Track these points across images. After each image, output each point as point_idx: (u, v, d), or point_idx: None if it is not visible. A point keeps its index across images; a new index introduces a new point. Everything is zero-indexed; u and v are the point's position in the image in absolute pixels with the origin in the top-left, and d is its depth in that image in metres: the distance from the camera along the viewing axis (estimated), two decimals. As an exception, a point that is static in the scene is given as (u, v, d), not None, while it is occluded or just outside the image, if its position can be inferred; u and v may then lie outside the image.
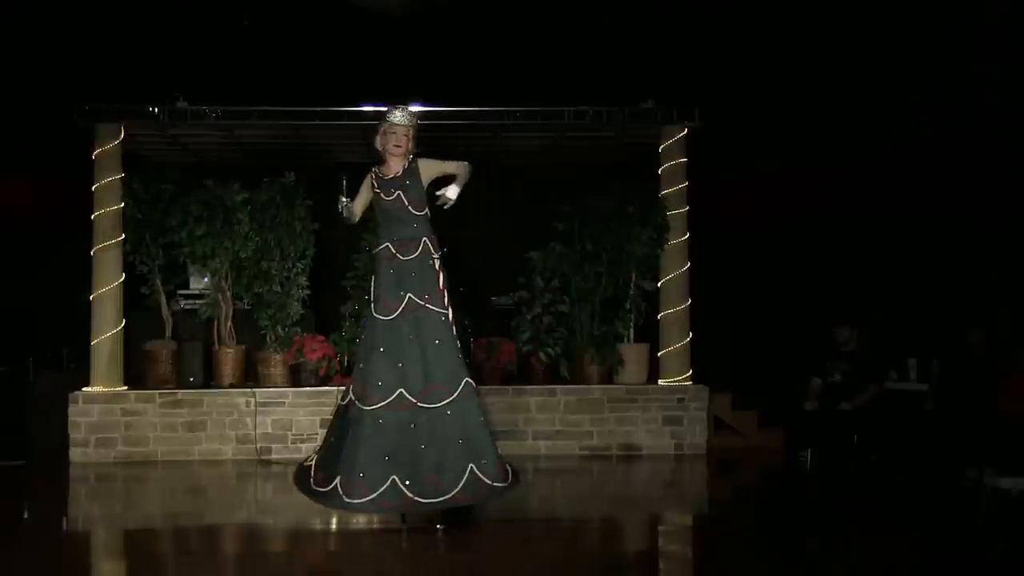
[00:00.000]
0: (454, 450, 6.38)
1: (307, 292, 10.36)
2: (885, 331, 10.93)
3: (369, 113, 10.09)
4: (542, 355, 10.50)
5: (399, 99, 7.13)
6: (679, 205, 10.45)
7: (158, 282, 10.49)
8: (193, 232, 10.11)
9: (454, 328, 6.65)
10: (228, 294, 10.42)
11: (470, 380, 6.57)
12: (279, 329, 10.28)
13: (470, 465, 6.35)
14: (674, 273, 10.44)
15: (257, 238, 10.23)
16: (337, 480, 6.28)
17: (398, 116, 6.83)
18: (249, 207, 10.20)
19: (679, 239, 10.43)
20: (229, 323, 10.40)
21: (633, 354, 10.52)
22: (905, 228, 12.28)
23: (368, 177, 6.91)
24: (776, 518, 7.78)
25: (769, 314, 12.48)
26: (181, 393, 9.99)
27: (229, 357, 10.28)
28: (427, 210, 6.82)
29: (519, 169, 12.14)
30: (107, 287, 9.99)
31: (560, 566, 6.29)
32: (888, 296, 12.16)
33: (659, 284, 10.52)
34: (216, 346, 10.36)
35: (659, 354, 10.48)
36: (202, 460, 9.80)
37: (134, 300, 10.53)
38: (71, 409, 9.78)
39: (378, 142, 6.90)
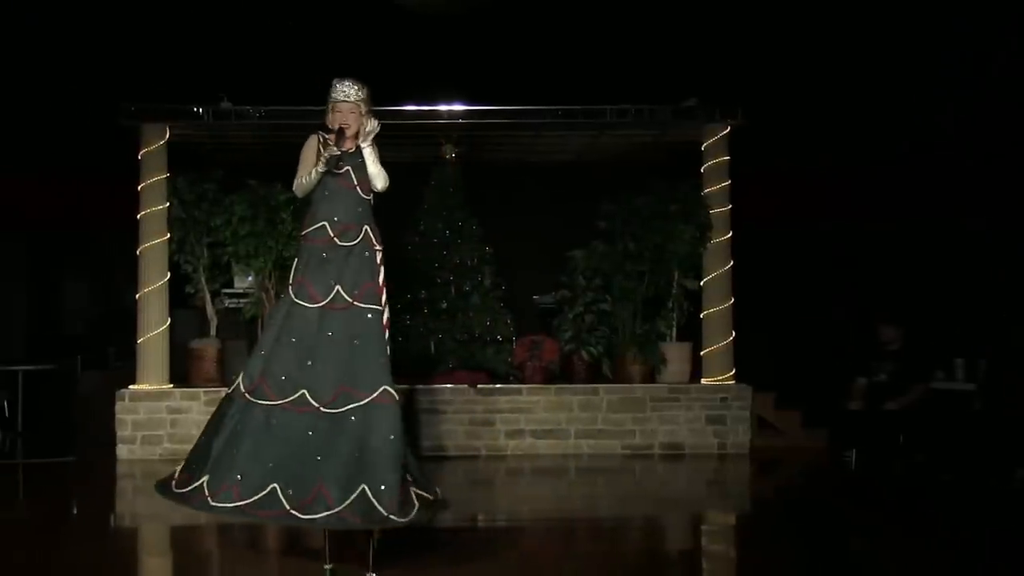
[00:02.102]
0: (349, 463, 5.51)
1: (349, 291, 10.36)
2: (931, 330, 10.82)
3: (411, 112, 10.13)
4: (584, 354, 10.48)
5: (439, 97, 6.80)
6: (722, 203, 10.39)
7: (203, 281, 10.56)
8: (237, 231, 10.17)
9: (387, 330, 5.81)
10: (271, 293, 10.45)
11: (390, 389, 5.65)
12: (322, 328, 10.31)
13: (363, 486, 5.47)
14: (717, 271, 10.38)
15: (300, 237, 10.27)
16: (204, 479, 5.53)
17: (340, 92, 5.93)
18: (293, 206, 10.24)
19: (722, 237, 10.37)
20: (272, 322, 10.44)
21: (675, 353, 10.49)
22: (952, 227, 12.16)
23: (315, 140, 5.95)
24: (820, 518, 7.71)
25: (813, 313, 12.41)
26: (225, 391, 10.03)
27: (272, 356, 10.31)
28: (372, 197, 6.00)
29: (561, 167, 12.14)
30: (153, 286, 10.06)
31: (603, 565, 6.28)
32: (935, 295, 12.05)
33: (702, 283, 10.47)
34: (260, 344, 10.41)
35: (702, 353, 10.43)
36: (246, 457, 9.84)
37: (179, 299, 10.62)
38: (118, 407, 9.86)
39: (328, 121, 5.96)
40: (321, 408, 5.62)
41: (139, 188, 10.11)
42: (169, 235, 10.20)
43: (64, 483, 8.99)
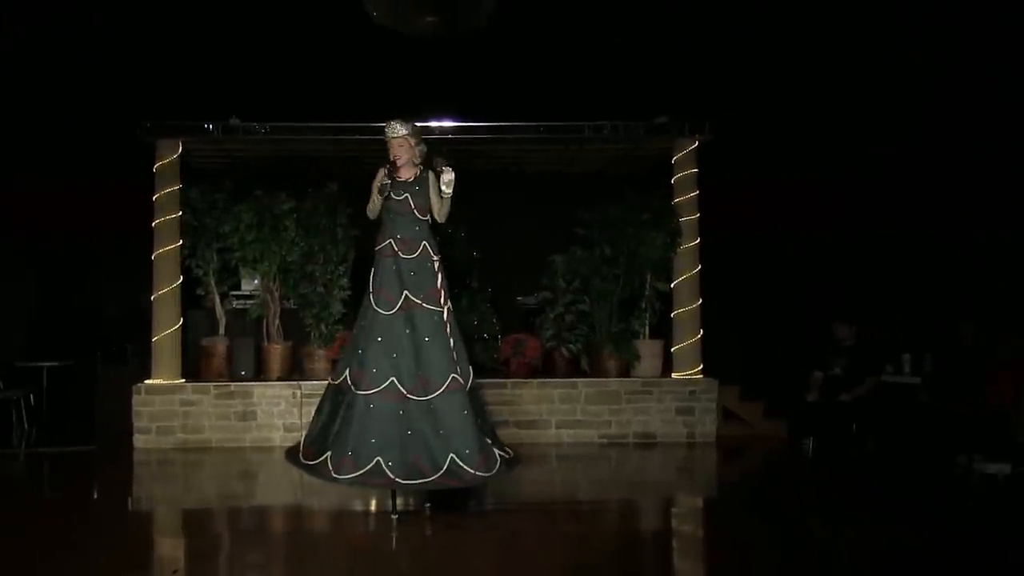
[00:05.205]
0: (435, 440, 6.36)
1: (348, 292, 10.31)
2: (882, 328, 10.89)
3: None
4: (564, 350, 10.51)
5: (431, 114, 7.07)
6: (691, 212, 10.43)
7: (212, 284, 10.57)
8: (244, 238, 10.19)
9: (448, 326, 6.63)
10: (276, 295, 10.49)
11: (457, 376, 6.52)
12: (322, 327, 10.31)
13: (450, 455, 6.33)
14: (686, 275, 10.41)
15: (303, 243, 10.29)
16: (327, 456, 6.36)
17: (388, 132, 6.80)
18: (295, 215, 10.26)
19: (690, 243, 10.40)
20: (277, 321, 10.46)
21: (648, 349, 10.51)
22: (901, 233, 12.25)
23: (379, 174, 6.76)
24: (780, 500, 7.73)
25: (775, 313, 12.45)
26: (234, 385, 10.06)
27: (277, 352, 10.34)
28: (430, 217, 6.83)
29: (543, 179, 12.15)
30: (167, 288, 10.07)
31: (582, 544, 6.31)
32: (884, 296, 12.13)
33: (672, 285, 10.49)
34: (265, 342, 10.43)
35: (672, 349, 10.45)
36: (253, 447, 9.85)
37: (191, 300, 10.63)
38: (134, 399, 9.86)
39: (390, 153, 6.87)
40: (407, 394, 6.42)
41: (154, 198, 10.10)
42: (181, 241, 10.21)
43: (85, 470, 8.98)
